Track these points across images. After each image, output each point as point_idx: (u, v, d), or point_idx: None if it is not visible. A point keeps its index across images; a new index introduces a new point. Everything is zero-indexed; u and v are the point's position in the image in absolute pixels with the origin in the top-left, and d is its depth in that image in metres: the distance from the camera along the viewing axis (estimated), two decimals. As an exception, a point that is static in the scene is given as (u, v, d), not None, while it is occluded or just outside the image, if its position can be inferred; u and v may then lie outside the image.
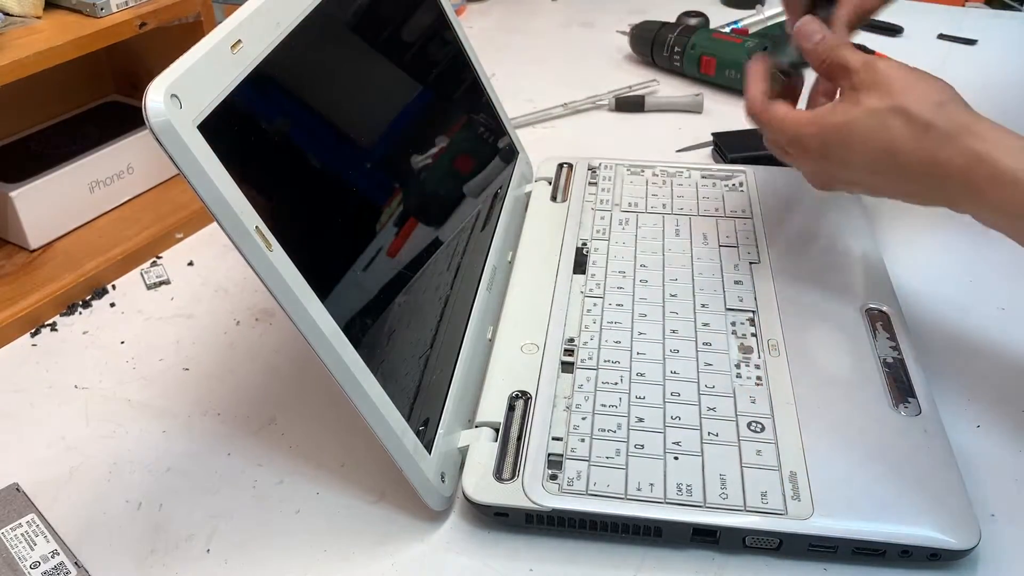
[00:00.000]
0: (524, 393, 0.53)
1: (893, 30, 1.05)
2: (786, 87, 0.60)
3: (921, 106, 0.49)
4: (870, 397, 0.52)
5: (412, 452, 0.46)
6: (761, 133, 0.58)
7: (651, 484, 0.47)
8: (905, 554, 0.45)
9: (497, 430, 0.51)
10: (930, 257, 0.68)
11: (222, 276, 0.70)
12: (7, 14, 0.66)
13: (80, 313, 0.67)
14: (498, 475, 0.48)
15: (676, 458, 0.48)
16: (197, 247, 0.74)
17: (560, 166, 0.76)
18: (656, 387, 0.53)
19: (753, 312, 0.58)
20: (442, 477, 0.49)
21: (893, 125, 0.49)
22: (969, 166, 0.47)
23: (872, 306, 0.59)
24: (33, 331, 0.65)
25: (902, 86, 0.50)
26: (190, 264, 0.72)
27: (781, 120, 0.55)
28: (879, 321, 0.57)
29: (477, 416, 0.52)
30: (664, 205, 0.70)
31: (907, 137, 0.49)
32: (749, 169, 0.74)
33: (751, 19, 1.07)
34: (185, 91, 0.38)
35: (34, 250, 0.71)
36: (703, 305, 0.59)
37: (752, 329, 0.57)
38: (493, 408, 0.52)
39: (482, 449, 0.50)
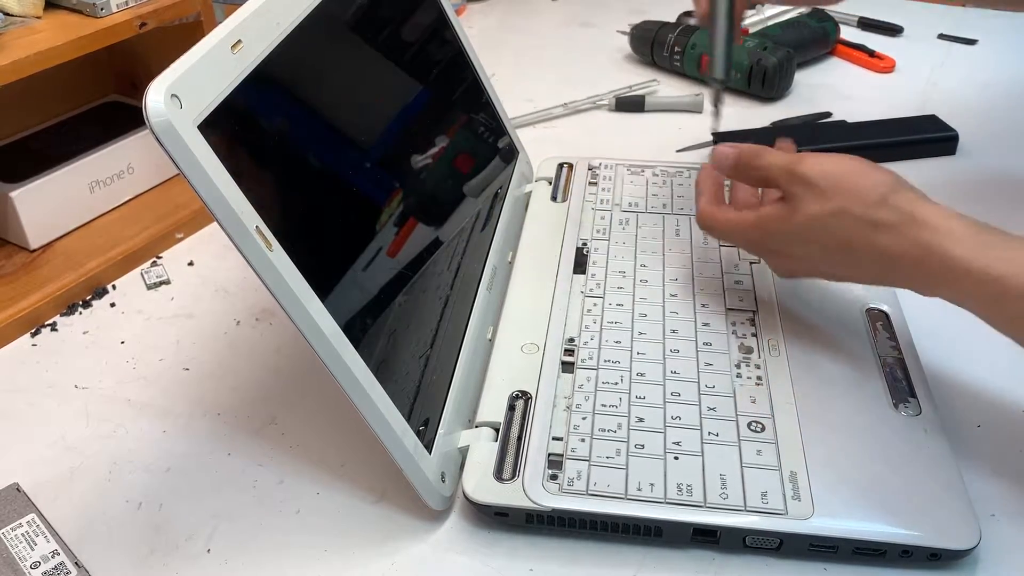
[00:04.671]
0: (524, 393, 0.53)
1: (893, 30, 1.05)
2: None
3: (863, 205, 0.48)
4: (870, 397, 0.52)
5: (412, 452, 0.46)
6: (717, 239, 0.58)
7: (651, 484, 0.47)
8: (905, 554, 0.45)
9: (497, 430, 0.51)
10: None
11: (222, 276, 0.70)
12: (7, 14, 0.66)
13: (80, 313, 0.67)
14: (498, 475, 0.48)
15: (676, 458, 0.48)
16: (197, 247, 0.74)
17: (560, 166, 0.76)
18: (656, 387, 0.53)
19: (753, 312, 0.58)
20: (442, 477, 0.49)
21: (838, 226, 0.49)
22: (921, 258, 0.47)
23: (872, 306, 0.59)
24: (33, 331, 0.65)
25: (835, 187, 0.49)
26: (190, 264, 0.72)
27: (730, 225, 0.55)
28: (879, 321, 0.57)
29: (477, 416, 0.52)
30: (664, 205, 0.70)
31: (855, 236, 0.49)
32: (749, 169, 0.74)
33: (752, 19, 1.07)
34: (185, 91, 0.38)
35: (34, 250, 0.71)
36: (703, 305, 0.59)
37: (752, 329, 0.57)
38: (493, 408, 0.52)
39: (482, 449, 0.50)
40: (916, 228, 0.47)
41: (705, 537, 0.46)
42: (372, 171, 0.53)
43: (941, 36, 1.05)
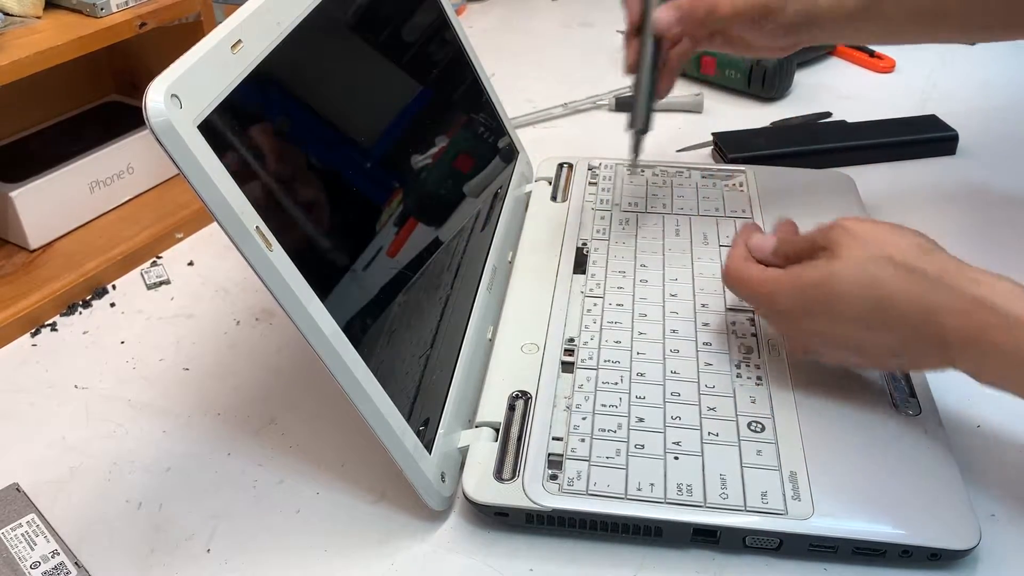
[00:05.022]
0: (524, 393, 0.53)
1: (893, 30, 1.05)
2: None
3: (906, 254, 0.46)
4: (870, 397, 0.52)
5: (412, 452, 0.46)
6: (737, 295, 0.54)
7: (651, 484, 0.47)
8: (905, 554, 0.45)
9: (497, 430, 0.51)
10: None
11: (222, 276, 0.70)
12: (7, 14, 0.66)
13: (80, 313, 0.67)
14: (498, 475, 0.48)
15: (676, 458, 0.48)
16: (197, 247, 0.74)
17: (560, 166, 0.76)
18: (656, 387, 0.53)
19: (753, 312, 0.58)
20: (442, 477, 0.49)
21: (880, 274, 0.46)
22: (967, 311, 0.44)
23: (872, 306, 0.58)
24: (33, 331, 0.65)
25: (880, 236, 0.47)
26: (190, 264, 0.72)
27: (756, 280, 0.51)
28: (879, 321, 0.57)
29: (477, 416, 0.52)
30: (664, 205, 0.70)
31: (896, 285, 0.46)
32: (749, 169, 0.74)
33: None
34: (185, 91, 0.38)
35: (34, 250, 0.71)
36: (703, 305, 0.59)
37: (752, 329, 0.57)
38: (493, 408, 0.52)
39: (482, 449, 0.50)
40: (961, 280, 0.45)
41: (705, 537, 0.46)
42: (372, 171, 0.53)
43: (941, 36, 1.05)
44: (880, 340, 0.47)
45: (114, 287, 0.70)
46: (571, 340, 0.57)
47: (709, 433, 0.49)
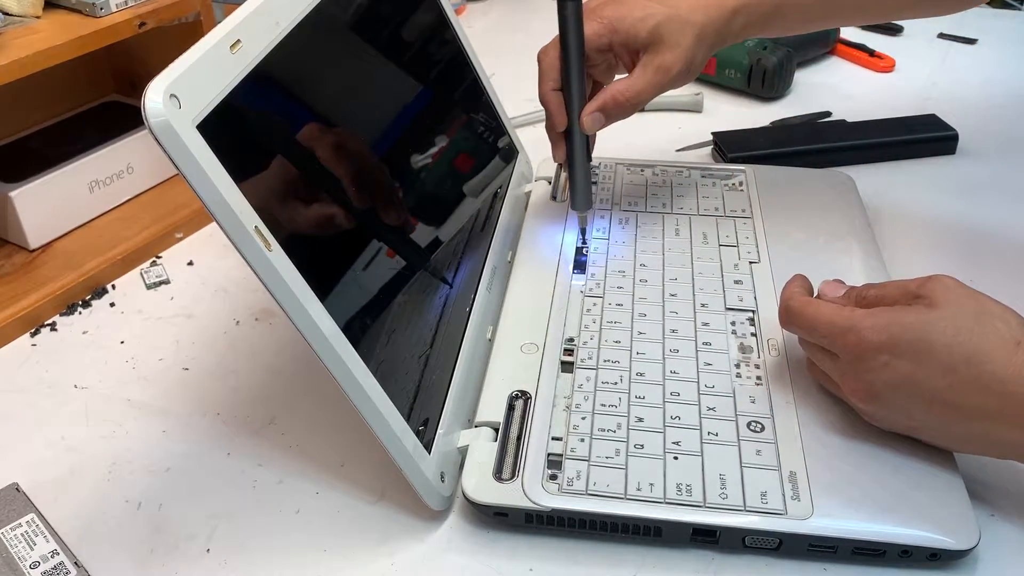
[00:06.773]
0: (524, 393, 0.53)
1: (893, 29, 1.05)
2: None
3: (1010, 323, 0.45)
4: (870, 397, 0.52)
5: (412, 452, 0.46)
6: (796, 333, 0.52)
7: (651, 484, 0.47)
8: (905, 554, 0.45)
9: (497, 430, 0.51)
10: (930, 257, 0.68)
11: (222, 276, 0.70)
12: (7, 14, 0.66)
13: (80, 313, 0.67)
14: (498, 475, 0.48)
15: (676, 458, 0.48)
16: (197, 247, 0.74)
17: (560, 166, 0.75)
18: (656, 387, 0.53)
19: (753, 312, 0.58)
20: (442, 477, 0.49)
21: (981, 332, 0.44)
22: None
23: (872, 306, 0.58)
24: (33, 331, 0.65)
25: (983, 300, 0.46)
26: (190, 264, 0.72)
27: (832, 312, 0.48)
28: (879, 321, 0.57)
29: (477, 416, 0.52)
30: (664, 205, 0.70)
31: (996, 347, 0.44)
32: (749, 169, 0.74)
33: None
34: (184, 91, 0.38)
35: (34, 250, 0.71)
36: (703, 305, 0.59)
37: (752, 329, 0.57)
38: (493, 408, 0.52)
39: (482, 449, 0.50)
40: None
41: (704, 537, 0.46)
42: (372, 171, 0.53)
43: (941, 35, 1.05)
44: (961, 397, 0.45)
45: (114, 287, 0.70)
46: (571, 340, 0.57)
47: (709, 433, 0.49)
